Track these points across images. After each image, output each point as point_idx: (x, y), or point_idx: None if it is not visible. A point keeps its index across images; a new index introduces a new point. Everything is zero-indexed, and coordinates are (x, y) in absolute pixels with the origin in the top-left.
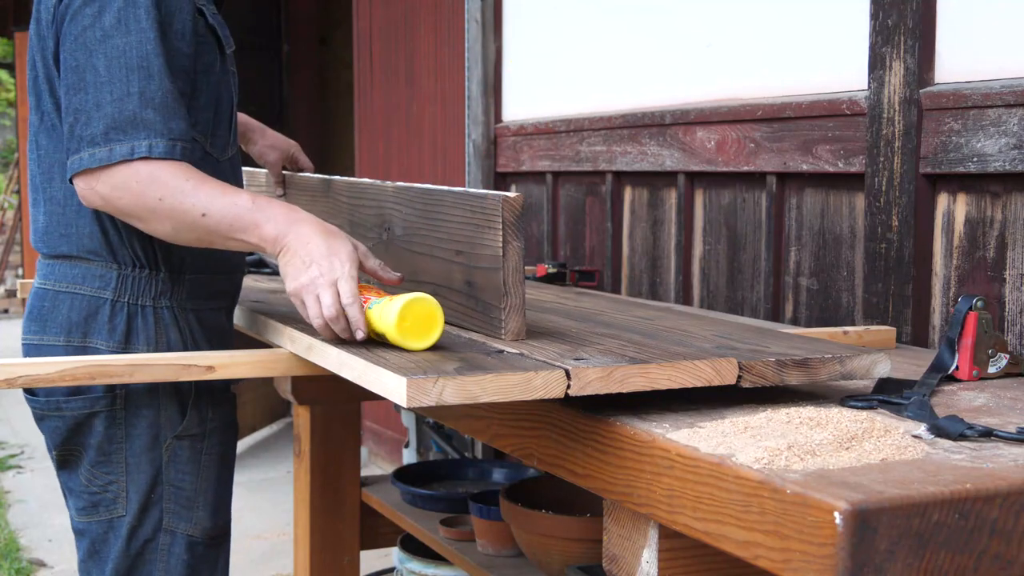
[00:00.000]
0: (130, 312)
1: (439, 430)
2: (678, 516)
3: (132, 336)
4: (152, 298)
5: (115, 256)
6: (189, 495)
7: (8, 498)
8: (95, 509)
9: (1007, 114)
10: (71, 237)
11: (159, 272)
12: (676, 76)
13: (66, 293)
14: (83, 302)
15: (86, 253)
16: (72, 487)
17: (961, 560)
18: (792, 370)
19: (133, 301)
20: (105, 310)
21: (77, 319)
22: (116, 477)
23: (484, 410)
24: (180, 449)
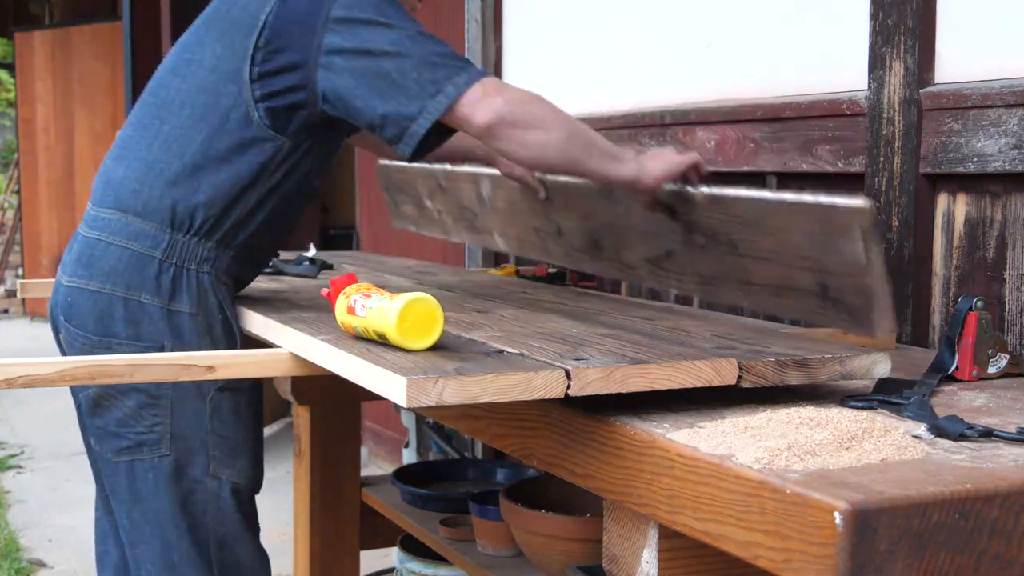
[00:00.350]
0: (176, 273)
1: (439, 430)
2: (678, 516)
3: (177, 294)
4: (196, 263)
5: (173, 223)
6: (232, 444)
7: (8, 498)
8: (139, 449)
9: (1007, 114)
10: (141, 195)
11: (208, 242)
12: (676, 76)
13: (117, 246)
14: (132, 256)
15: (149, 213)
16: (112, 430)
17: (961, 560)
18: (792, 370)
19: (180, 264)
20: (153, 267)
21: (124, 270)
22: (162, 419)
23: (484, 410)
24: (223, 401)
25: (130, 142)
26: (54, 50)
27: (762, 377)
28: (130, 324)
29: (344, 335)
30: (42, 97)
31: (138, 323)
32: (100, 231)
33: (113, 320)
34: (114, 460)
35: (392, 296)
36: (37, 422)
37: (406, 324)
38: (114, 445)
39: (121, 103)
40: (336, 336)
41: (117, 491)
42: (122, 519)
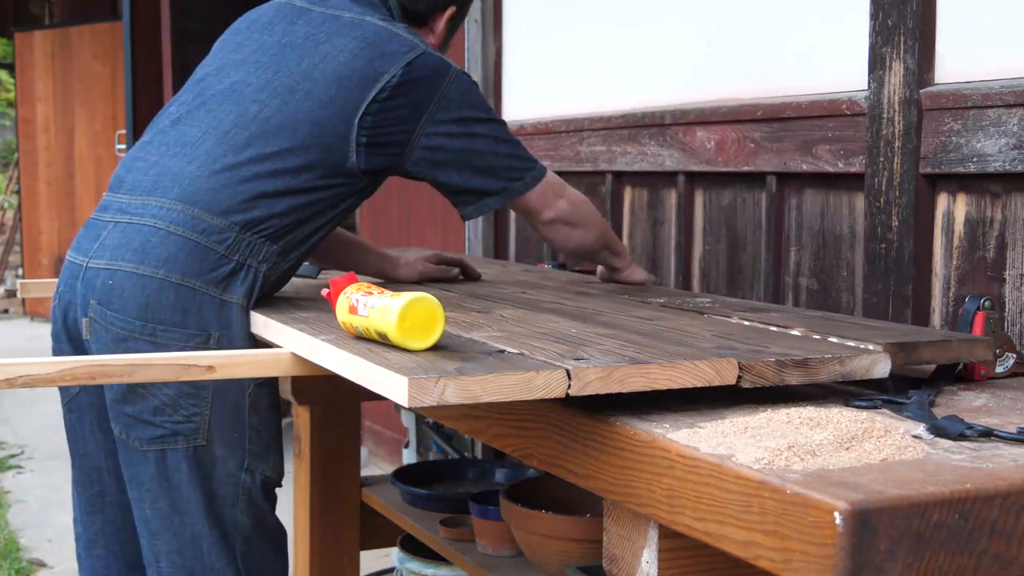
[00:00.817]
0: (235, 267)
1: (439, 430)
2: (678, 516)
3: (232, 285)
4: (257, 261)
5: (246, 225)
6: (267, 440)
7: (8, 498)
8: (174, 438)
9: (1007, 114)
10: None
11: (274, 245)
12: (676, 76)
13: (179, 236)
14: (195, 248)
15: (225, 213)
16: (144, 417)
17: (961, 560)
18: (792, 370)
19: (241, 260)
20: (213, 258)
21: (183, 259)
22: (201, 410)
23: (484, 410)
24: (260, 396)
25: (203, 144)
26: (54, 50)
27: (762, 377)
28: (178, 311)
29: (345, 335)
30: (42, 97)
31: (186, 310)
32: (156, 219)
33: (160, 307)
34: (142, 449)
35: (394, 295)
36: (37, 422)
37: (407, 324)
38: (146, 434)
39: (121, 103)
40: (337, 336)
41: (142, 480)
42: (143, 509)
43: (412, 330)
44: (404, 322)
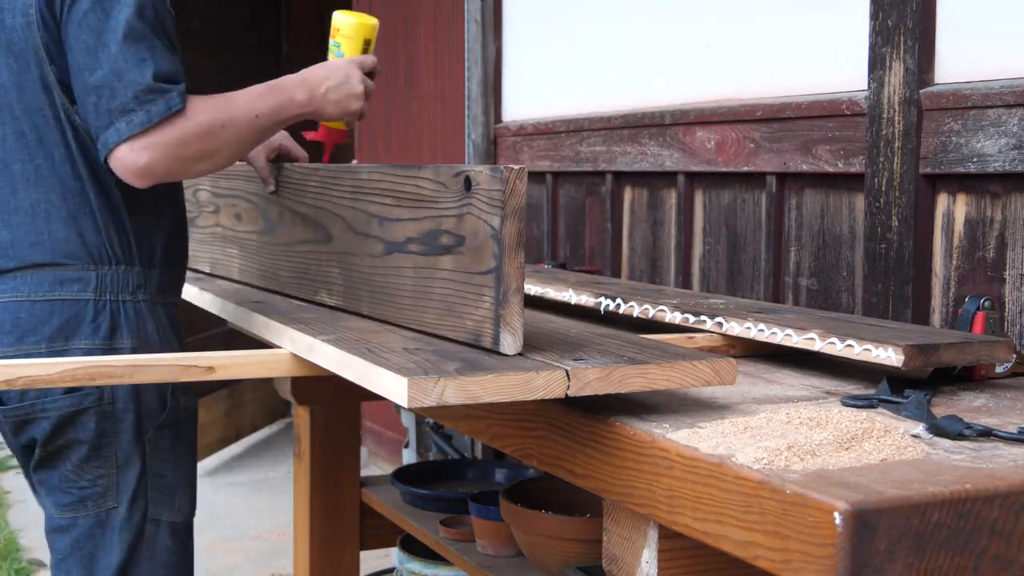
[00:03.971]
0: (112, 309)
1: (439, 430)
2: (678, 516)
3: (116, 332)
4: (130, 293)
5: (92, 256)
6: (171, 483)
7: (8, 498)
8: (83, 504)
9: (1007, 114)
10: (43, 244)
11: (134, 266)
12: (676, 76)
13: (44, 302)
14: (64, 307)
15: (61, 258)
16: (55, 484)
17: (961, 560)
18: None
19: (114, 298)
20: (88, 311)
21: (59, 324)
22: (107, 471)
23: (484, 410)
24: (161, 439)
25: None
26: None
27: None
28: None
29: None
30: None
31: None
32: (17, 292)
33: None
34: (56, 516)
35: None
36: None
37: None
38: (57, 500)
39: None
40: (337, 336)
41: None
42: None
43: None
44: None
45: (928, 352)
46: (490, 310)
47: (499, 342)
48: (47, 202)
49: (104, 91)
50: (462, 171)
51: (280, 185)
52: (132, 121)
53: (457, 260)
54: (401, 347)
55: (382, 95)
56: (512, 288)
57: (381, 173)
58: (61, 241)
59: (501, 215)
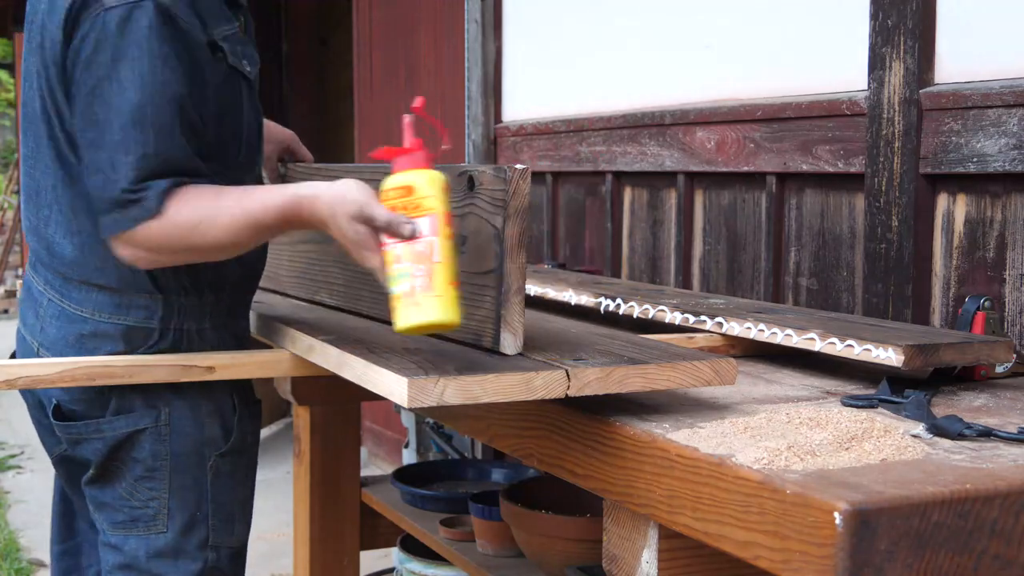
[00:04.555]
0: (175, 337)
1: (439, 430)
2: (678, 516)
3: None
4: (197, 321)
5: (158, 286)
6: (230, 510)
7: (8, 498)
8: (134, 524)
9: (1007, 114)
10: (108, 270)
11: (203, 295)
12: (676, 76)
13: (108, 323)
14: (129, 331)
15: (126, 286)
16: (107, 501)
17: (961, 560)
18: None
19: (179, 327)
20: (152, 336)
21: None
22: (159, 493)
23: (484, 410)
24: (223, 466)
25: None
26: None
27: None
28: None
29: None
30: None
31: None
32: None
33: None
34: (108, 531)
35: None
36: None
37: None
38: (109, 517)
39: None
40: (336, 336)
41: (107, 564)
42: (106, 574)
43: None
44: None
45: (928, 352)
46: (491, 310)
47: (499, 342)
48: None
49: (101, 177)
50: (465, 171)
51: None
52: (117, 220)
53: (459, 261)
54: (401, 347)
55: (382, 95)
56: (513, 288)
57: (384, 173)
58: (127, 269)
59: (504, 215)
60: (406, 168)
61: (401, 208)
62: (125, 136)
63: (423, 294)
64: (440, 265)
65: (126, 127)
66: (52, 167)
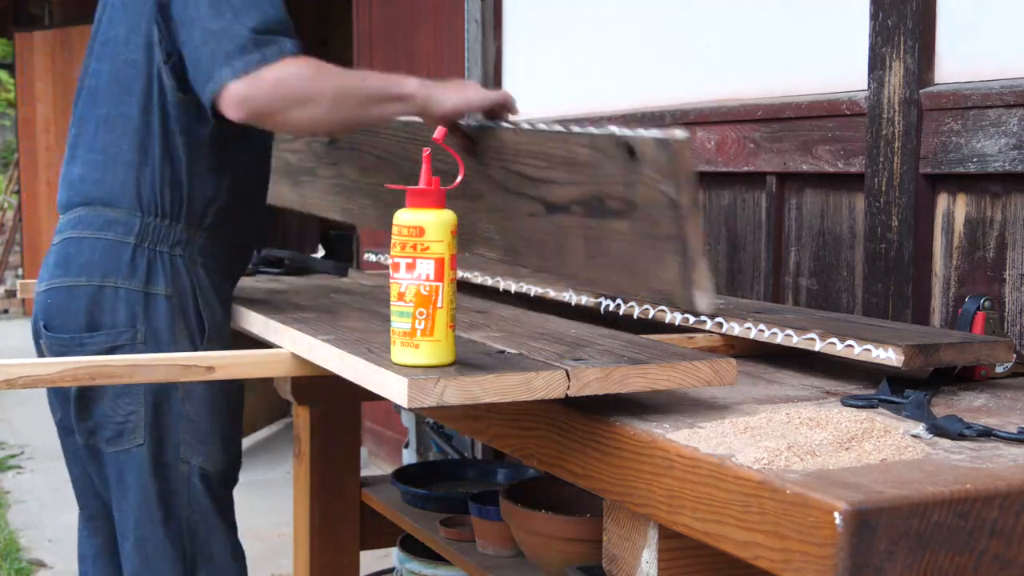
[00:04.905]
0: (149, 257)
1: (439, 430)
2: (678, 516)
3: (152, 277)
4: (169, 246)
5: (141, 206)
6: (204, 431)
7: (8, 498)
8: (120, 439)
9: (1007, 114)
10: (103, 184)
11: (179, 223)
12: (676, 76)
13: (91, 239)
14: (106, 246)
15: (114, 200)
16: (97, 420)
17: (961, 560)
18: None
19: (152, 247)
20: (126, 252)
21: (99, 260)
22: (136, 408)
23: (484, 410)
24: (196, 385)
25: (78, 140)
26: (54, 50)
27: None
28: (106, 312)
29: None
30: (42, 97)
31: (114, 310)
32: (73, 229)
33: (91, 313)
34: (106, 451)
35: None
36: (37, 422)
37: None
38: (103, 435)
39: None
40: (336, 336)
41: (109, 484)
42: (115, 512)
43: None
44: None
45: (928, 352)
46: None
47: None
48: (116, 146)
49: (224, 36)
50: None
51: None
52: (248, 60)
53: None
54: None
55: None
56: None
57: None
58: (118, 185)
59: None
60: (418, 206)
61: (410, 246)
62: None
63: (423, 338)
64: (442, 310)
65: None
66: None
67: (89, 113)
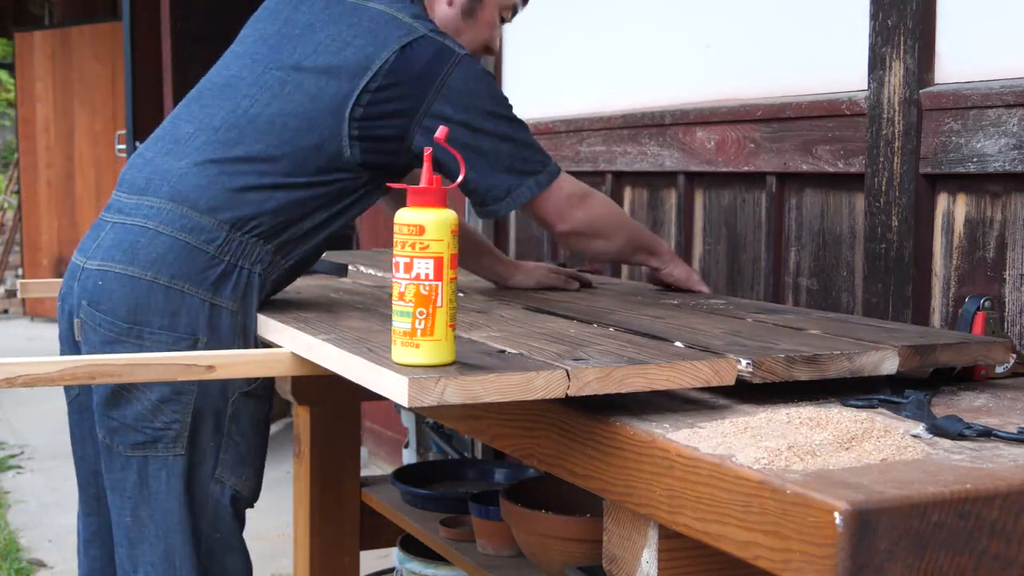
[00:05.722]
0: (226, 269)
1: (439, 430)
2: (678, 516)
3: (222, 288)
4: (250, 263)
5: (235, 224)
6: (243, 452)
7: (8, 498)
8: (154, 445)
9: (1007, 114)
10: (208, 191)
11: (268, 245)
12: (676, 76)
13: (168, 236)
14: (184, 248)
15: (212, 211)
16: (127, 422)
17: (961, 561)
18: (801, 366)
19: (232, 261)
20: (203, 260)
21: (172, 260)
22: (182, 417)
23: (484, 410)
24: (244, 407)
25: (194, 141)
26: (54, 50)
27: (772, 373)
28: (167, 314)
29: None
30: (42, 97)
31: (175, 313)
32: (146, 219)
33: (149, 309)
34: (126, 455)
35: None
36: (37, 422)
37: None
38: (129, 439)
39: (121, 103)
40: (337, 336)
41: (124, 487)
42: (123, 516)
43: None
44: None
45: (925, 353)
46: None
47: None
48: (243, 175)
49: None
50: None
51: None
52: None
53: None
54: None
55: None
56: None
57: None
58: (224, 201)
59: None
60: (419, 205)
61: (410, 245)
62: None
63: (423, 338)
64: (442, 310)
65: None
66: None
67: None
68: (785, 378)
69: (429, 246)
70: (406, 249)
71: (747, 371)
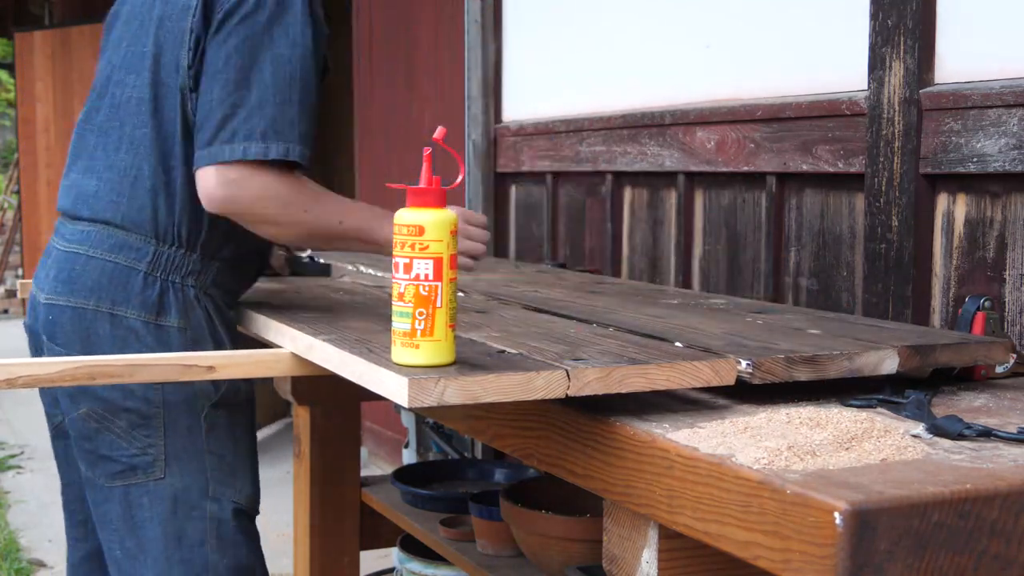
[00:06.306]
0: (162, 287)
1: (439, 430)
2: (678, 516)
3: (165, 308)
4: (181, 276)
5: (157, 232)
6: (230, 463)
7: (8, 498)
8: (133, 472)
9: (1007, 114)
10: (120, 205)
11: (194, 253)
12: (676, 76)
13: (99, 259)
14: (116, 270)
15: (130, 224)
16: (104, 453)
17: (961, 560)
18: (801, 366)
19: (164, 277)
20: (137, 281)
21: (108, 285)
22: (154, 440)
23: (484, 410)
24: (217, 418)
25: (96, 150)
26: (54, 50)
27: (771, 373)
28: (116, 341)
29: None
30: (42, 97)
31: (125, 340)
32: (80, 244)
33: (100, 339)
34: (107, 486)
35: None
36: (37, 422)
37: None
38: (107, 469)
39: None
40: (337, 336)
41: (110, 519)
42: (113, 551)
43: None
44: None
45: (925, 353)
46: None
47: None
48: (138, 168)
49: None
50: None
51: None
52: (248, 149)
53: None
54: None
55: (381, 96)
56: None
57: None
58: (136, 208)
59: None
60: (418, 205)
61: (409, 245)
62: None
63: (423, 338)
64: (441, 310)
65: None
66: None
67: (111, 125)
68: (785, 378)
69: (428, 246)
70: (405, 249)
71: (747, 371)
